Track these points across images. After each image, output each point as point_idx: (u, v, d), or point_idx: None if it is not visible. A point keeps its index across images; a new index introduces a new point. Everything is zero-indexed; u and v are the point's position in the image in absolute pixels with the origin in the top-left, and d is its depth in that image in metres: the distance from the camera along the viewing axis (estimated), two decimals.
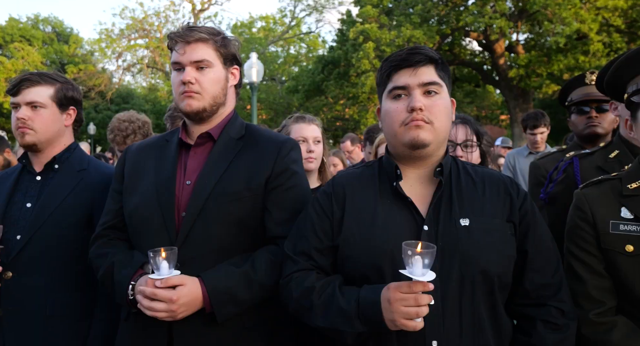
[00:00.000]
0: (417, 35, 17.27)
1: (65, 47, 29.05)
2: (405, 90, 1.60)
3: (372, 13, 18.45)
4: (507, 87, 19.82)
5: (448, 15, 18.53)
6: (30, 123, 2.19)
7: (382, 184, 1.67)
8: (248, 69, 13.75)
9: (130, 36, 29.04)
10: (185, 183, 1.90)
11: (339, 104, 22.93)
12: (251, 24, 31.37)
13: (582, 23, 15.95)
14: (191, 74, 1.88)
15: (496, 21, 16.58)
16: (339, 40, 21.31)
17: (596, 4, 16.17)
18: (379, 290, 1.44)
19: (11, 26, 27.96)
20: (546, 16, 16.53)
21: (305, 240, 1.67)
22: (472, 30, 19.47)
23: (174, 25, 30.29)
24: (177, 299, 1.65)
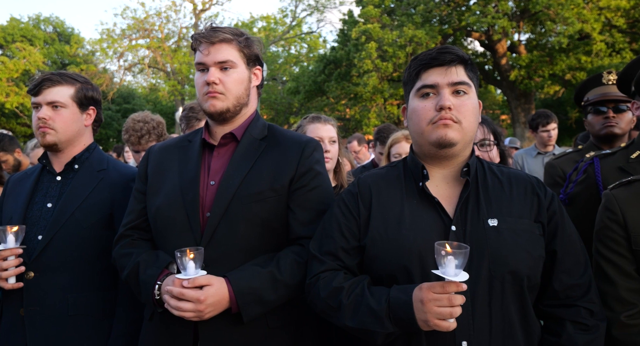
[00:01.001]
0: (420, 35, 17.25)
1: (66, 47, 29.03)
2: (434, 89, 1.60)
3: (374, 13, 18.44)
4: (509, 87, 19.80)
5: (450, 15, 18.52)
6: (51, 123, 2.19)
7: (407, 184, 1.67)
8: None
9: (132, 36, 29.03)
10: (210, 183, 1.90)
11: (340, 104, 22.91)
12: (252, 24, 31.36)
13: (584, 23, 15.95)
14: (215, 74, 1.88)
15: (499, 21, 16.57)
16: (340, 41, 21.30)
17: (599, 4, 16.16)
18: (410, 290, 1.44)
19: (12, 26, 27.94)
20: (549, 16, 16.52)
21: (332, 240, 1.67)
22: (474, 31, 19.46)
23: (175, 25, 30.36)
24: (204, 299, 1.66)
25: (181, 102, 28.68)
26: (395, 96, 20.18)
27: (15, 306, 2.14)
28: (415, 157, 1.70)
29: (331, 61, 20.89)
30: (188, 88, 27.49)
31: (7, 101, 24.42)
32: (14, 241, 2.03)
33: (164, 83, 30.46)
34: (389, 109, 20.02)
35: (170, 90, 28.22)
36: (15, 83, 25.53)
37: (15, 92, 24.82)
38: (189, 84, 27.76)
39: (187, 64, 27.66)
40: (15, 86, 25.19)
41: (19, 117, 26.16)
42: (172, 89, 27.73)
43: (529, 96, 19.70)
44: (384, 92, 18.79)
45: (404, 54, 17.58)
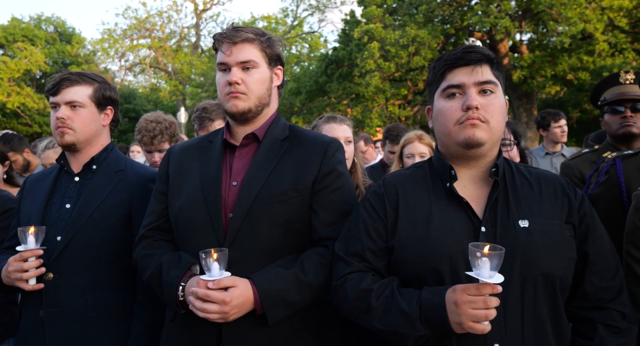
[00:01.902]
0: (422, 35, 17.22)
1: (68, 47, 29.00)
2: (461, 89, 1.59)
3: (376, 13, 18.40)
4: (510, 87, 19.77)
5: (452, 15, 18.50)
6: (70, 123, 2.19)
7: (434, 185, 1.66)
8: None
9: (133, 36, 29.03)
10: (232, 184, 1.89)
11: (342, 104, 22.90)
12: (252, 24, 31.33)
13: (587, 23, 15.93)
14: (237, 74, 1.87)
15: (501, 21, 16.55)
16: (341, 41, 21.27)
17: (601, 3, 16.14)
18: (443, 291, 1.43)
19: (14, 26, 27.89)
20: (551, 16, 16.50)
21: (358, 241, 1.66)
22: (476, 31, 19.45)
23: (177, 25, 30.35)
24: (229, 301, 1.65)
25: (182, 102, 28.66)
26: (397, 96, 20.16)
27: (34, 308, 2.13)
28: (441, 157, 1.68)
29: (333, 61, 20.87)
30: (189, 88, 27.47)
31: (8, 100, 24.38)
32: (34, 242, 2.02)
33: (165, 83, 30.43)
34: (390, 109, 20.00)
35: (171, 90, 28.20)
36: (17, 83, 25.51)
37: (16, 92, 24.79)
38: (190, 84, 27.76)
39: (188, 64, 27.65)
40: (17, 86, 25.16)
41: (20, 117, 26.13)
42: (174, 89, 27.71)
43: (530, 96, 19.68)
44: (386, 92, 18.77)
45: (406, 54, 17.55)
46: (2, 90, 24.42)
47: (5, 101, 24.28)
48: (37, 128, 26.29)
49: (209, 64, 27.38)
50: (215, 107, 3.11)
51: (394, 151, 4.44)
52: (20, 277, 2.02)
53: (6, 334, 2.50)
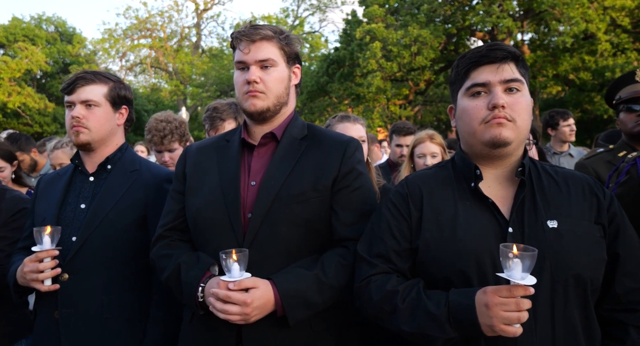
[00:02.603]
0: (424, 35, 17.21)
1: (69, 47, 28.97)
2: (486, 87, 1.56)
3: (378, 13, 18.40)
4: None
5: (454, 15, 18.48)
6: (85, 122, 2.17)
7: (459, 185, 1.64)
8: None
9: (134, 36, 29.01)
10: (250, 183, 1.87)
11: (343, 104, 22.90)
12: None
13: (589, 23, 15.92)
14: (256, 73, 1.85)
15: (503, 21, 16.53)
16: (343, 41, 21.26)
17: (604, 3, 16.13)
18: (472, 293, 1.41)
19: (14, 26, 27.87)
20: (554, 16, 16.49)
21: (382, 242, 1.64)
22: (478, 30, 19.44)
23: (177, 25, 30.30)
24: (251, 302, 1.63)
25: (183, 102, 28.65)
26: (398, 96, 20.15)
27: (49, 309, 2.11)
28: (465, 157, 1.65)
29: (334, 61, 20.86)
30: (190, 88, 27.45)
31: (9, 100, 24.33)
32: (50, 243, 2.00)
33: (166, 83, 30.42)
34: (392, 108, 19.99)
35: (172, 90, 28.18)
36: (17, 83, 25.46)
37: (17, 92, 24.74)
38: (191, 84, 27.73)
39: (189, 63, 27.62)
40: (18, 86, 25.12)
41: (21, 117, 26.10)
42: (175, 89, 27.69)
43: (532, 95, 19.58)
44: (387, 92, 18.75)
45: (408, 54, 17.55)
46: (3, 90, 24.38)
47: (6, 100, 24.23)
48: (38, 128, 26.26)
49: (209, 63, 27.36)
50: (226, 106, 3.09)
51: (401, 144, 4.42)
52: (35, 278, 2.00)
53: (19, 335, 2.48)
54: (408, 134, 4.48)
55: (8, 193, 2.52)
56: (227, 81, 25.68)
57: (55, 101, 28.05)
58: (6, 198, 2.49)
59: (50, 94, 28.40)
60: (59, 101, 28.86)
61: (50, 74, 29.01)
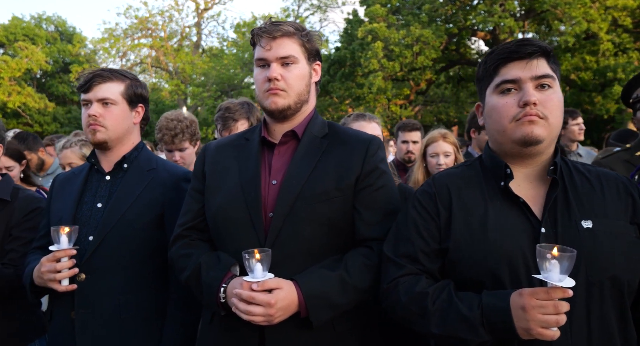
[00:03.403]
0: (426, 35, 17.19)
1: (69, 47, 28.92)
2: (516, 84, 1.52)
3: (380, 12, 18.37)
4: None
5: (455, 15, 18.47)
6: (102, 120, 2.15)
7: (487, 184, 1.60)
8: None
9: (134, 35, 28.96)
10: (271, 182, 1.85)
11: (344, 104, 22.88)
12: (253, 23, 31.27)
13: (591, 22, 15.90)
14: (277, 70, 1.83)
15: (505, 20, 16.52)
16: (344, 40, 21.23)
17: (605, 3, 16.11)
18: (506, 296, 1.38)
19: (14, 25, 27.79)
20: (556, 15, 16.48)
21: (409, 243, 1.61)
22: (480, 30, 19.42)
23: (178, 24, 30.25)
24: (274, 303, 1.60)
25: (183, 101, 28.61)
26: (399, 96, 20.14)
27: (65, 309, 2.09)
28: (495, 155, 1.62)
29: (335, 61, 20.83)
30: (191, 88, 27.40)
31: (9, 100, 24.28)
32: (67, 242, 1.98)
33: (166, 83, 30.37)
34: (392, 108, 19.97)
35: (172, 89, 28.14)
36: (18, 82, 25.42)
37: (17, 92, 24.69)
38: (192, 83, 27.68)
39: (189, 63, 27.58)
40: (18, 85, 25.07)
41: (21, 117, 26.05)
42: (175, 88, 27.65)
43: None
44: (387, 92, 18.73)
45: (410, 54, 17.53)
46: (3, 89, 24.33)
47: (6, 100, 24.19)
48: (38, 127, 26.22)
49: (210, 63, 27.31)
50: (239, 106, 3.06)
51: (407, 140, 4.39)
52: (53, 278, 1.98)
53: (32, 336, 2.46)
54: (413, 129, 4.46)
55: (21, 192, 2.50)
56: (227, 81, 25.63)
57: (55, 101, 28.02)
58: (19, 198, 2.46)
59: (50, 94, 28.35)
60: (59, 100, 28.85)
61: (50, 74, 28.96)
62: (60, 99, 29.14)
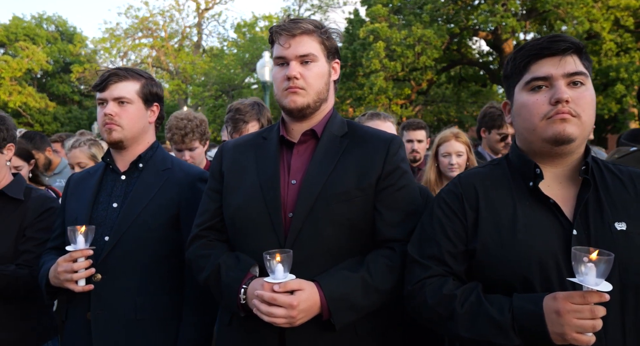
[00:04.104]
0: (428, 35, 17.17)
1: (70, 46, 28.88)
2: (547, 81, 1.48)
3: (382, 12, 18.34)
4: None
5: (457, 14, 18.45)
6: (118, 119, 2.12)
7: (516, 184, 1.56)
8: (261, 68, 13.69)
9: (135, 35, 28.94)
10: (290, 182, 1.82)
11: (345, 104, 22.86)
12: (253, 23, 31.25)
13: (593, 22, 15.88)
14: (296, 69, 1.80)
15: (508, 20, 16.49)
16: (345, 40, 21.21)
17: (608, 2, 16.10)
18: (538, 299, 1.35)
19: (15, 25, 27.77)
20: (558, 15, 16.46)
21: (435, 244, 1.58)
22: (481, 30, 19.40)
23: (179, 24, 30.23)
24: (297, 304, 1.58)
25: (184, 101, 28.57)
26: (400, 96, 20.12)
27: (81, 310, 2.07)
28: (523, 154, 1.57)
29: None
30: (191, 87, 27.38)
31: (10, 100, 24.26)
32: (84, 242, 1.95)
33: (167, 82, 30.34)
34: (393, 108, 19.95)
35: (173, 89, 28.10)
36: (18, 82, 25.39)
37: (18, 91, 24.68)
38: (192, 83, 27.65)
39: (190, 63, 27.55)
40: (18, 85, 25.05)
41: (21, 117, 26.02)
42: (176, 88, 27.61)
43: None
44: (388, 91, 18.71)
45: (412, 54, 17.50)
46: (4, 89, 24.32)
47: (7, 100, 24.17)
48: (39, 127, 26.19)
49: (210, 63, 27.30)
50: (249, 107, 3.03)
51: (411, 139, 4.37)
52: (70, 278, 1.95)
53: (45, 337, 2.43)
54: (418, 128, 4.44)
55: (34, 192, 2.47)
56: (228, 81, 25.62)
57: (55, 101, 27.99)
58: (32, 197, 2.44)
59: (50, 94, 28.32)
60: (60, 100, 28.82)
61: (50, 74, 28.92)
62: (60, 98, 29.11)
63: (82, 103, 29.50)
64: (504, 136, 3.78)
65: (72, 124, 26.83)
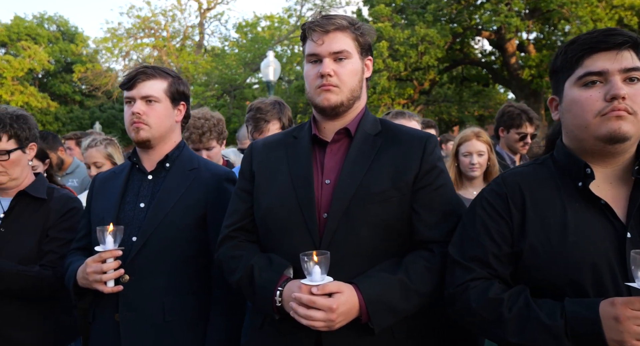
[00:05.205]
0: (431, 34, 17.14)
1: (72, 46, 28.84)
2: (602, 76, 1.42)
3: (385, 12, 18.30)
4: (518, 87, 19.72)
5: (460, 14, 18.41)
6: (145, 118, 2.09)
7: (563, 184, 1.51)
8: (265, 67, 13.68)
9: (137, 35, 28.88)
10: (324, 182, 1.78)
11: None
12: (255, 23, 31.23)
13: (598, 21, 15.85)
14: (330, 66, 1.76)
15: (512, 19, 16.46)
16: None
17: (612, 2, 16.07)
18: (594, 304, 1.31)
19: (17, 25, 27.72)
20: (562, 15, 16.43)
21: (478, 245, 1.54)
22: (484, 29, 19.37)
23: (181, 24, 30.16)
24: (336, 307, 1.53)
25: None
26: (402, 96, 20.09)
27: (109, 312, 2.04)
28: (572, 153, 1.52)
29: None
30: (194, 87, 27.34)
31: (11, 99, 24.21)
32: (113, 242, 1.92)
33: None
34: (396, 108, 19.93)
35: None
36: (20, 82, 25.36)
37: (20, 91, 24.65)
38: (194, 83, 27.61)
39: (192, 63, 27.51)
40: (20, 85, 25.02)
41: None
42: None
43: (538, 95, 19.62)
44: (391, 91, 18.67)
45: (415, 53, 17.47)
46: (6, 89, 24.29)
47: (8, 100, 24.13)
48: (40, 127, 25.93)
49: (212, 63, 27.26)
50: (270, 107, 2.99)
51: None
52: (99, 279, 1.92)
53: (69, 338, 2.40)
54: (428, 127, 4.42)
55: (56, 192, 2.45)
56: (229, 80, 25.59)
57: (57, 100, 27.95)
58: (54, 197, 2.41)
59: (52, 93, 28.28)
60: (61, 100, 28.78)
61: (52, 74, 28.88)
62: (62, 98, 29.07)
63: (84, 103, 29.45)
64: (523, 136, 3.74)
65: (74, 123, 26.80)
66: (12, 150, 2.28)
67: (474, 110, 24.67)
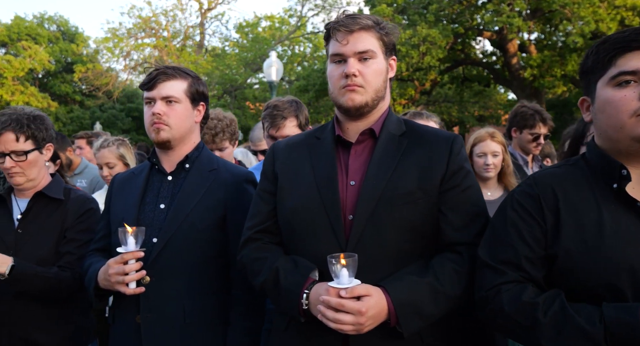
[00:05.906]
0: (433, 34, 17.13)
1: (72, 46, 28.77)
2: (636, 75, 1.39)
3: (386, 12, 18.28)
4: (519, 87, 19.72)
5: (462, 14, 18.40)
6: (166, 118, 2.07)
7: (597, 186, 1.48)
8: (267, 67, 13.66)
9: (137, 35, 28.84)
10: (349, 183, 1.77)
11: None
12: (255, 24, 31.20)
13: (600, 22, 15.84)
14: (355, 66, 1.74)
15: (514, 20, 16.45)
16: None
17: (614, 2, 16.06)
18: (635, 310, 1.28)
19: (17, 25, 27.64)
20: (564, 15, 16.42)
21: (510, 248, 1.51)
22: (486, 30, 19.36)
23: (181, 24, 30.13)
24: (365, 311, 1.51)
25: None
26: (403, 96, 20.08)
27: (130, 313, 2.02)
28: (606, 154, 1.49)
29: None
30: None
31: (12, 99, 24.13)
32: (134, 244, 1.91)
33: None
34: (397, 108, 19.91)
35: None
36: (21, 82, 25.30)
37: (20, 91, 24.59)
38: None
39: (193, 63, 27.48)
40: (21, 85, 24.96)
41: None
42: None
43: (539, 95, 19.62)
44: (392, 92, 18.68)
45: (417, 54, 17.46)
46: (6, 89, 24.23)
47: (9, 100, 24.06)
48: None
49: (213, 63, 27.25)
50: (287, 104, 2.98)
51: None
52: (121, 280, 1.90)
53: (86, 340, 2.39)
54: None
55: (73, 193, 2.43)
56: (230, 81, 25.59)
57: (57, 100, 27.90)
58: (72, 198, 2.39)
59: (52, 93, 28.22)
60: (62, 100, 28.71)
61: (52, 74, 28.82)
62: (62, 98, 29.00)
63: (84, 103, 29.38)
64: (537, 136, 3.73)
65: (74, 123, 26.73)
66: (29, 151, 2.27)
67: (474, 110, 24.66)
